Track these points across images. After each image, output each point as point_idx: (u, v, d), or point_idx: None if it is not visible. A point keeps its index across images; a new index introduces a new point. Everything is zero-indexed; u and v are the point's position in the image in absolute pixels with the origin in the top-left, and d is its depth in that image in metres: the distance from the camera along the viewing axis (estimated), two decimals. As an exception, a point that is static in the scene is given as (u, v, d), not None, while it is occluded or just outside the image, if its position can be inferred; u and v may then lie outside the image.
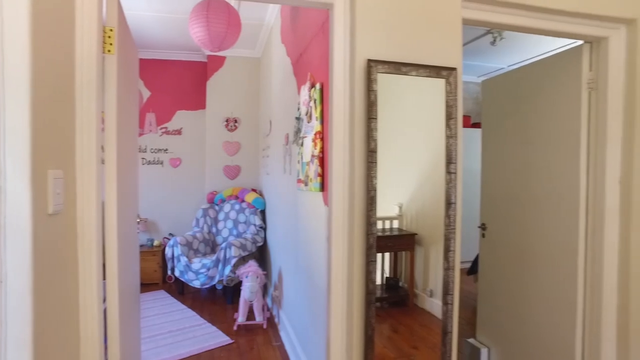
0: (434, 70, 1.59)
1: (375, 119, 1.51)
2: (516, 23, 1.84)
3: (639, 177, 1.96)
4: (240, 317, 3.50)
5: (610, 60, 1.96)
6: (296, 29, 2.95)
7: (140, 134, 4.93)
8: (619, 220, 1.98)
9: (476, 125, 5.61)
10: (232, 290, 4.09)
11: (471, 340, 2.92)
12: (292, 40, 3.12)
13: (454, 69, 1.61)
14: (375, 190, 1.52)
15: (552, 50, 4.26)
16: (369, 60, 1.51)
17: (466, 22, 1.79)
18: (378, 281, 1.84)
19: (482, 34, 4.14)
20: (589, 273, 2.07)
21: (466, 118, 5.75)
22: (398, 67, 1.54)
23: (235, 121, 5.00)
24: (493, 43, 4.14)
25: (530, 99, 2.39)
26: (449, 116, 1.60)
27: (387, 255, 1.90)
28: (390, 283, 1.93)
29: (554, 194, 2.22)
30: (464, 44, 4.49)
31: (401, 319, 1.95)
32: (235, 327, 3.46)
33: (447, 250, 1.65)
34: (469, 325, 2.97)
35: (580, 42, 2.08)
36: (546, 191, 2.27)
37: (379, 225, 1.74)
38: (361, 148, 1.54)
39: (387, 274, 1.91)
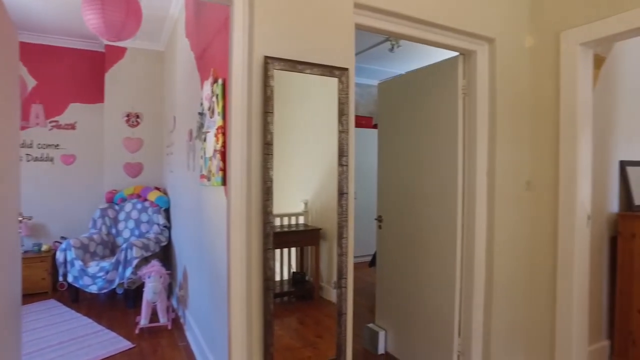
0: (328, 70, 1.71)
1: (272, 113, 1.59)
2: (403, 32, 2.05)
3: (500, 169, 2.30)
4: (143, 320, 3.35)
5: (478, 71, 2.27)
6: (200, 24, 2.92)
7: (24, 127, 4.44)
8: (486, 206, 2.31)
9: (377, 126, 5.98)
10: (133, 294, 3.88)
11: (370, 325, 3.14)
12: (196, 34, 3.07)
13: (346, 69, 1.76)
14: (271, 181, 1.59)
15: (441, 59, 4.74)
16: (266, 57, 1.58)
17: (359, 27, 1.95)
18: (285, 276, 1.92)
19: (381, 41, 4.45)
20: (465, 252, 2.37)
21: (368, 119, 6.10)
22: (294, 65, 1.63)
23: (137, 116, 4.75)
24: (391, 50, 4.47)
25: (419, 101, 2.66)
26: (341, 112, 1.74)
27: (293, 250, 1.98)
28: (297, 277, 2.01)
29: (438, 186, 2.50)
30: (365, 50, 4.79)
31: (308, 311, 2.05)
32: (137, 331, 3.31)
33: (340, 237, 1.78)
34: (371, 313, 3.19)
35: (457, 53, 2.37)
36: (432, 183, 2.54)
37: (285, 221, 1.82)
38: (258, 141, 1.60)
39: (294, 269, 1.99)
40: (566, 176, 2.25)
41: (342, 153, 1.75)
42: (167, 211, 4.40)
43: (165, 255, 4.38)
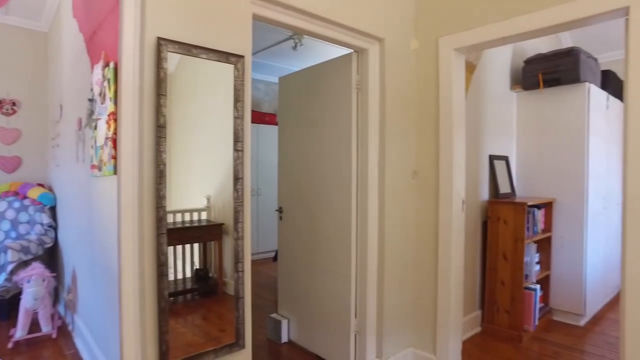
0: (224, 56, 1.73)
1: (165, 95, 1.57)
2: (300, 25, 2.14)
3: (390, 160, 2.52)
4: (19, 332, 2.98)
5: (370, 67, 2.46)
6: (89, 3, 2.73)
7: None
8: (377, 195, 2.51)
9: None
10: (7, 304, 3.45)
11: (273, 315, 3.20)
12: (85, 14, 2.85)
13: (242, 56, 1.79)
14: (164, 165, 1.57)
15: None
16: (159, 39, 1.55)
17: (257, 18, 2.00)
18: (188, 273, 1.88)
19: (284, 39, 4.55)
20: (359, 238, 2.55)
21: (272, 116, 6.17)
22: (189, 49, 1.62)
23: (14, 104, 4.24)
24: (294, 48, 4.59)
25: (317, 95, 2.78)
26: (237, 99, 1.77)
27: (196, 247, 1.95)
28: (200, 274, 1.98)
29: (335, 176, 2.65)
30: (269, 47, 4.84)
31: (211, 307, 2.03)
32: (10, 345, 2.94)
33: (237, 221, 1.81)
34: (276, 305, 3.25)
35: (351, 50, 2.54)
36: (329, 174, 2.69)
37: (187, 217, 1.79)
38: (150, 123, 1.57)
39: (197, 265, 1.96)
40: (444, 167, 2.54)
41: (238, 139, 1.78)
42: (52, 209, 4.00)
43: (51, 257, 3.97)
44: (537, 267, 3.45)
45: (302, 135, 2.92)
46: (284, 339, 3.08)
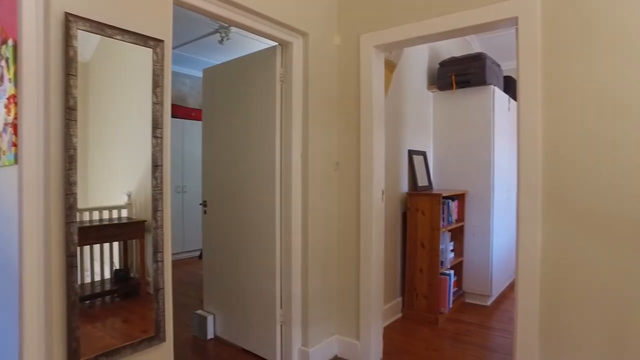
0: (142, 39, 1.67)
1: (75, 75, 1.48)
2: (223, 15, 2.12)
3: (313, 151, 2.59)
4: None
5: (294, 60, 2.51)
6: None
7: None
8: (300, 185, 2.57)
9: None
10: None
11: (199, 311, 3.12)
12: (-19, -10, 2.58)
13: (161, 40, 1.74)
14: (75, 149, 1.48)
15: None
16: (68, 14, 1.46)
17: (179, 4, 1.95)
18: (107, 275, 1.77)
19: (211, 32, 4.46)
20: (283, 229, 2.58)
21: (199, 111, 6.01)
22: (102, 28, 1.55)
23: None
24: (221, 42, 4.52)
25: (241, 87, 2.77)
26: (156, 84, 1.72)
27: (116, 246, 1.84)
28: (121, 275, 1.88)
29: (259, 168, 2.65)
30: (195, 40, 4.72)
31: (133, 308, 1.93)
32: None
33: (155, 210, 1.76)
34: (202, 303, 3.18)
35: (276, 43, 2.57)
36: (254, 166, 2.69)
37: (105, 215, 1.69)
38: (58, 105, 1.47)
39: (117, 266, 1.85)
40: (365, 159, 2.65)
41: (157, 125, 1.73)
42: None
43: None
44: (452, 254, 3.73)
45: (226, 127, 2.89)
46: (210, 335, 3.02)
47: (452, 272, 3.60)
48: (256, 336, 2.72)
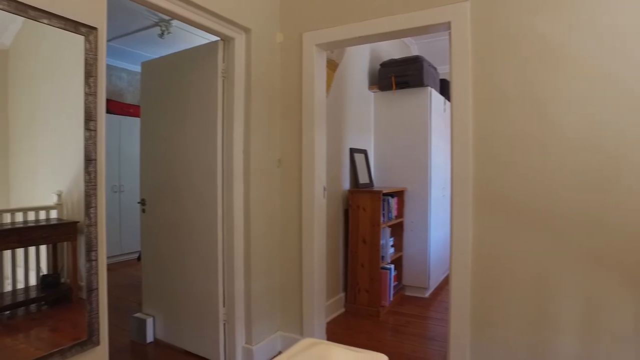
0: (72, 25, 1.58)
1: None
2: (162, 5, 2.04)
3: (255, 148, 2.58)
4: None
5: (236, 56, 2.49)
6: None
7: None
8: (243, 182, 2.55)
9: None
10: None
11: (137, 314, 3.00)
12: None
13: (95, 28, 1.66)
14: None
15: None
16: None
17: (112, -7, 1.87)
18: (33, 281, 1.65)
19: (150, 25, 4.29)
20: (225, 227, 2.55)
21: (136, 108, 5.77)
22: (24, 9, 1.44)
23: None
24: (161, 36, 4.36)
25: (182, 82, 2.70)
26: (89, 74, 1.64)
27: (43, 250, 1.72)
28: (49, 281, 1.75)
29: (200, 165, 2.60)
30: (134, 32, 4.52)
31: (64, 315, 1.81)
32: None
33: (89, 207, 1.67)
34: (141, 306, 3.04)
35: (218, 38, 2.53)
36: (195, 164, 2.63)
37: (31, 216, 1.57)
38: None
39: (44, 271, 1.73)
40: (307, 156, 2.69)
41: (90, 117, 1.65)
42: None
43: None
44: (392, 249, 3.87)
45: (166, 123, 2.80)
46: (150, 338, 2.91)
47: (392, 266, 3.73)
48: (198, 336, 2.66)
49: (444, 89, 4.33)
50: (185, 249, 2.70)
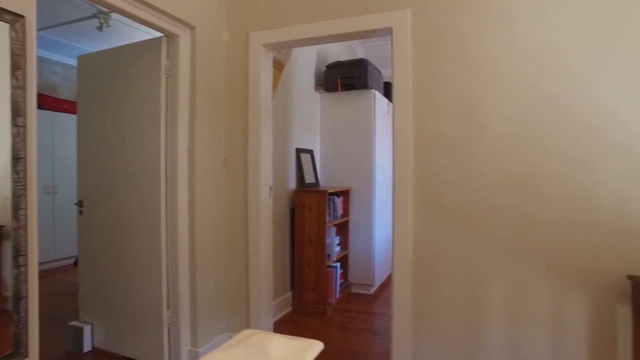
0: (-5, 13, 1.48)
1: None
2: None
3: (200, 147, 2.54)
4: None
5: (180, 53, 2.44)
6: None
7: None
8: (187, 182, 2.50)
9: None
10: None
11: (73, 322, 2.84)
12: None
13: (22, 16, 1.56)
14: None
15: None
16: None
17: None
18: None
19: (88, 16, 4.07)
20: (169, 227, 2.49)
21: (72, 104, 5.45)
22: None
23: None
24: (100, 29, 4.15)
25: (122, 78, 2.60)
26: (16, 66, 1.54)
27: None
28: None
29: (141, 164, 2.52)
30: (69, 22, 4.27)
31: None
32: None
33: (17, 208, 1.57)
34: (78, 313, 2.88)
35: (161, 34, 2.46)
36: (137, 163, 2.54)
37: None
38: None
39: None
40: (253, 156, 2.69)
41: (18, 112, 1.55)
42: None
43: None
44: (338, 248, 3.95)
45: (105, 120, 2.68)
46: (87, 347, 2.76)
47: (338, 264, 3.81)
48: (141, 342, 2.57)
49: (388, 91, 4.48)
50: (126, 251, 2.60)
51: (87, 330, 2.76)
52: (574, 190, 1.99)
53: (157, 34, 2.46)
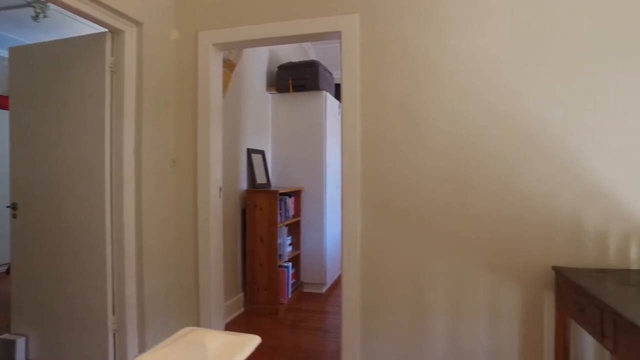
0: None
1: None
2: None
3: (148, 147, 2.47)
4: None
5: (126, 50, 2.36)
6: None
7: None
8: (134, 182, 2.43)
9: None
10: None
11: (4, 335, 2.65)
12: None
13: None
14: None
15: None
16: None
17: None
18: None
19: (22, 4, 3.81)
20: (114, 230, 2.40)
21: (4, 99, 5.07)
22: None
23: None
24: (36, 18, 3.89)
25: (62, 74, 2.47)
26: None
27: None
28: None
29: (85, 166, 2.40)
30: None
31: None
32: None
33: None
34: (9, 325, 2.69)
35: (105, 29, 2.37)
36: (78, 163, 2.42)
37: None
38: None
39: None
40: (202, 157, 2.65)
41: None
42: None
43: None
44: (290, 248, 3.98)
45: (42, 118, 2.53)
46: (21, 360, 2.60)
47: (290, 264, 3.84)
48: (84, 351, 2.45)
49: (339, 93, 4.57)
50: (66, 256, 2.47)
51: (20, 342, 2.59)
52: (506, 188, 2.15)
53: (100, 28, 2.36)
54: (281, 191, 3.59)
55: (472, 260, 2.21)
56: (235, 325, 3.29)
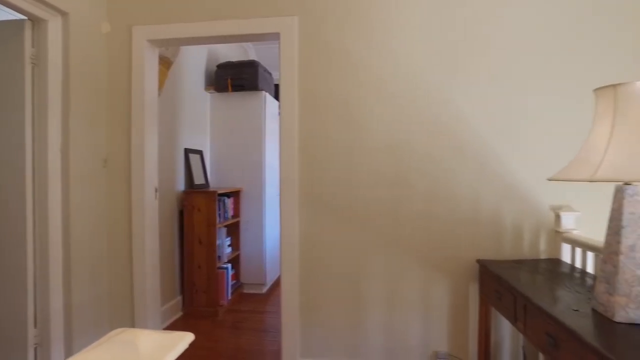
0: None
1: None
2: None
3: (76, 146, 2.33)
4: None
5: (49, 41, 2.20)
6: None
7: None
8: (60, 183, 2.27)
9: None
10: None
11: None
12: None
13: None
14: None
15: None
16: None
17: None
18: None
19: None
20: (37, 235, 2.23)
21: None
22: None
23: None
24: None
25: (-27, 65, 2.25)
26: None
27: None
28: None
29: (3, 165, 2.21)
30: None
31: None
32: None
33: None
34: None
35: (23, 17, 2.19)
36: (-6, 162, 2.23)
37: None
38: None
39: None
40: (136, 157, 2.55)
41: None
42: None
43: None
44: (229, 249, 3.93)
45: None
46: None
47: (229, 265, 3.79)
48: (-1, 367, 2.26)
49: (278, 93, 4.58)
50: (-21, 264, 2.26)
51: None
52: (437, 186, 2.30)
53: (18, 15, 2.19)
54: (220, 192, 3.53)
55: (406, 255, 2.34)
56: (173, 329, 3.18)
